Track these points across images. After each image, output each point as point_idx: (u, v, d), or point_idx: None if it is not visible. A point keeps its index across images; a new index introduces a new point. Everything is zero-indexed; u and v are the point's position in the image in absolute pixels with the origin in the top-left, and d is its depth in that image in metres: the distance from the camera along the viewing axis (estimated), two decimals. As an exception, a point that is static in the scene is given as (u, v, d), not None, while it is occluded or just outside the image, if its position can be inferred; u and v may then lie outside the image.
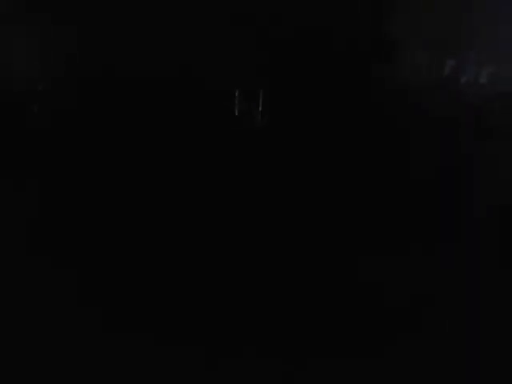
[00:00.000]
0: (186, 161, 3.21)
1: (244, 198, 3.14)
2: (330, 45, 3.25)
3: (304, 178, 3.19)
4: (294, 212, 3.14)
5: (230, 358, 2.42)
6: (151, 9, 3.30)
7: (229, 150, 3.24)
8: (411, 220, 3.12)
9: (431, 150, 3.21)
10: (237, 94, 3.38)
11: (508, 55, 3.32)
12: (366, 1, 3.25)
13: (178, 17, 3.31)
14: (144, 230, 3.06)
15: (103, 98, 3.25)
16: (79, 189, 3.16)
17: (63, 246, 2.93)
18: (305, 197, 3.18)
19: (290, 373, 2.31)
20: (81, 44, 3.29)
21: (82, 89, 3.26)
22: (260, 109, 3.34)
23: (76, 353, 2.48)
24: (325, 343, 2.44)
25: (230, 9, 3.32)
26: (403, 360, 2.35)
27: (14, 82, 3.28)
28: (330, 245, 2.97)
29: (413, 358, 2.37)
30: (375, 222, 3.09)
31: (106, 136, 3.23)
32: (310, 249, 2.97)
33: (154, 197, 3.18)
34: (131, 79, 3.26)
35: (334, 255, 2.89)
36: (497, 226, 3.06)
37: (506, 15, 3.34)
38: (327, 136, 3.24)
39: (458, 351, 2.40)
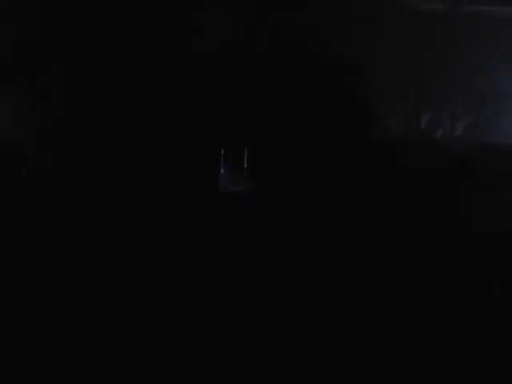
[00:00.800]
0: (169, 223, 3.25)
1: (234, 265, 3.19)
2: (314, 103, 3.35)
3: (293, 236, 3.25)
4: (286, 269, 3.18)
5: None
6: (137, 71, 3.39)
7: (214, 213, 3.29)
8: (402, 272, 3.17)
9: (415, 202, 3.30)
10: (222, 153, 3.45)
11: (485, 106, 3.45)
12: (346, 60, 3.36)
13: (159, 75, 3.40)
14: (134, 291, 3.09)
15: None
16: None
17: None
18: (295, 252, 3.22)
19: None
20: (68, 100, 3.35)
21: (70, 148, 3.32)
22: (245, 167, 3.42)
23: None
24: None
25: (215, 70, 3.42)
26: None
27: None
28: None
29: None
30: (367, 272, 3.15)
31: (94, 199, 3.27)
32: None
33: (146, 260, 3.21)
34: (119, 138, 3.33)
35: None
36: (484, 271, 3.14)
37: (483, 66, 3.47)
38: (313, 192, 3.30)
39: None
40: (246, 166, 3.38)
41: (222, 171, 3.37)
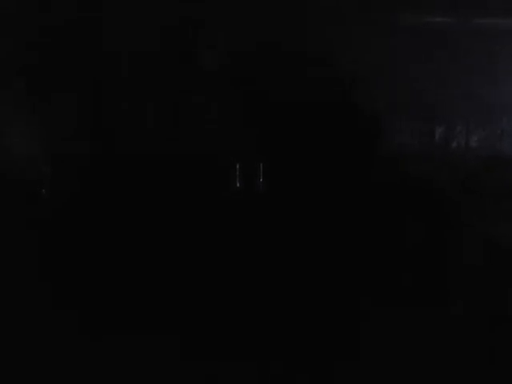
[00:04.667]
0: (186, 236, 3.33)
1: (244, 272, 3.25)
2: (327, 120, 3.40)
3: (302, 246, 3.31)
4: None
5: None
6: (152, 90, 3.48)
7: (231, 223, 3.37)
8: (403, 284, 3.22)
9: (424, 217, 3.33)
10: (237, 167, 3.52)
11: (497, 122, 3.46)
12: (355, 74, 3.41)
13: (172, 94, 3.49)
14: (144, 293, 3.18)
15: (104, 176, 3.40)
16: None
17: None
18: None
19: None
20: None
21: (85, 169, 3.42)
22: (261, 181, 3.48)
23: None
24: None
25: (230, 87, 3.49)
26: None
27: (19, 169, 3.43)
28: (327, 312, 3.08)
29: None
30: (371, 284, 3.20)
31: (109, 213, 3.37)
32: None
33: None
34: (132, 157, 3.42)
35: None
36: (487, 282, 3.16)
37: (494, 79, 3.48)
38: (324, 204, 3.36)
39: None
40: (261, 180, 3.45)
41: (238, 185, 3.44)
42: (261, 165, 3.47)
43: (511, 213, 3.27)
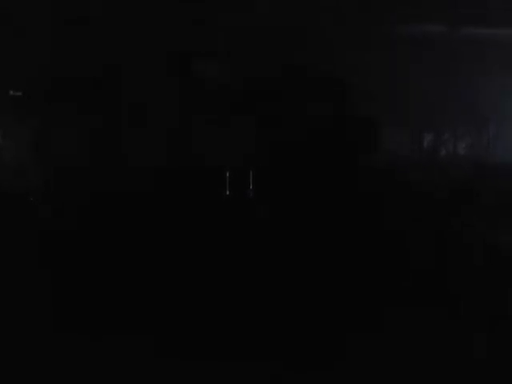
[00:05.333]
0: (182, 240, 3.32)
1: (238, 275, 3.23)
2: (318, 128, 3.42)
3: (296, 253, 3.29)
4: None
5: None
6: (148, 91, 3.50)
7: (222, 230, 3.36)
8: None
9: (416, 223, 3.32)
10: (227, 174, 3.53)
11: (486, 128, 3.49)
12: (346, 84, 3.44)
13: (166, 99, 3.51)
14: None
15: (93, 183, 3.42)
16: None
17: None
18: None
19: None
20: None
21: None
22: (251, 188, 3.48)
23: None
24: None
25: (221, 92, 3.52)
26: None
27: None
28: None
29: None
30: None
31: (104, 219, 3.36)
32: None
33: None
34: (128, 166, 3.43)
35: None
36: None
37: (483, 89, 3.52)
38: (317, 212, 3.35)
39: None
40: (251, 187, 3.45)
41: (228, 193, 3.44)
42: (250, 172, 3.48)
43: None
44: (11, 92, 3.49)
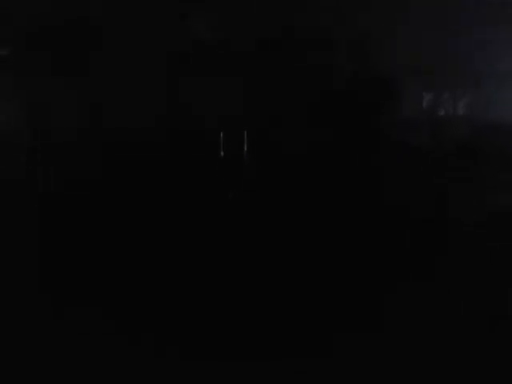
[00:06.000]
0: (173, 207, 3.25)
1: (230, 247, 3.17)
2: (317, 84, 3.33)
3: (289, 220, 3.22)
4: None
5: None
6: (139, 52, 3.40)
7: (215, 191, 3.28)
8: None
9: (416, 183, 3.26)
10: (222, 135, 3.43)
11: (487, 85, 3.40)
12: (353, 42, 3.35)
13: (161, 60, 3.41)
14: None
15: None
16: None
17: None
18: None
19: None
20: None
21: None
22: (245, 150, 3.39)
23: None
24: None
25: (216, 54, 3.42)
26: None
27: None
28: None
29: None
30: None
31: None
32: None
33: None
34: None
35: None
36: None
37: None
38: (312, 172, 3.27)
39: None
40: (245, 148, 3.36)
41: (222, 154, 3.35)
42: (245, 133, 3.38)
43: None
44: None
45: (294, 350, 2.56)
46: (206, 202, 3.26)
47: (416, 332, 2.65)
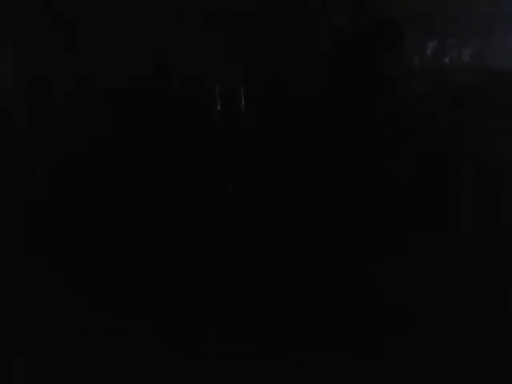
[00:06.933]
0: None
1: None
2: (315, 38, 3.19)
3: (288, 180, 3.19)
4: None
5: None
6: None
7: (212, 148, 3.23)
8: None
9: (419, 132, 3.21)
10: (218, 90, 3.32)
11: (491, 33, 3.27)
12: None
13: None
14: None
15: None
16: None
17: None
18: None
19: None
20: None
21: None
22: (242, 106, 3.29)
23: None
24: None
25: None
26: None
27: None
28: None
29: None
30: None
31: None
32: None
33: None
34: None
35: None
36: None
37: None
38: (310, 131, 3.21)
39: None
40: (243, 102, 3.26)
41: (219, 108, 3.24)
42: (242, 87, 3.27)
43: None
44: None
45: (294, 345, 2.57)
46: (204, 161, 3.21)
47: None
